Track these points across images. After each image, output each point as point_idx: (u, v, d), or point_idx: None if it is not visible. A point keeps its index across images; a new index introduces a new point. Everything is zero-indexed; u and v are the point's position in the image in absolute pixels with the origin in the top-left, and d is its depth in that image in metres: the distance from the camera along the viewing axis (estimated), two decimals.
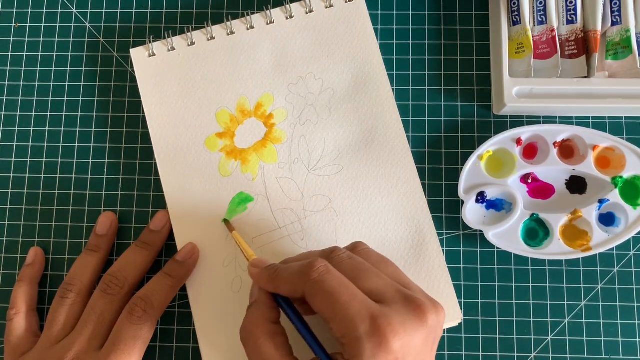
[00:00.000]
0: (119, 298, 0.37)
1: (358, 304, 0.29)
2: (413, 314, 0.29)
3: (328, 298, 0.29)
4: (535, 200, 0.41)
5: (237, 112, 0.42)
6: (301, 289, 0.30)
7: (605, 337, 0.40)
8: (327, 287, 0.29)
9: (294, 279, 0.31)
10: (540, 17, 0.41)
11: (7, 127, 0.43)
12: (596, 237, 0.39)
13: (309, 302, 0.30)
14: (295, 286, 0.31)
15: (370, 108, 0.41)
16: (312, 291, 0.30)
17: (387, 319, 0.28)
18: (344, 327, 0.28)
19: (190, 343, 0.40)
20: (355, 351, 0.28)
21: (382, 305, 0.29)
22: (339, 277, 0.30)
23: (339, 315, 0.28)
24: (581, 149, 0.41)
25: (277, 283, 0.32)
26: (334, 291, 0.29)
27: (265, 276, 0.33)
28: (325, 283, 0.29)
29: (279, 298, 0.33)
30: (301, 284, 0.30)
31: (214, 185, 0.41)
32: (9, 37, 0.45)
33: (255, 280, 0.34)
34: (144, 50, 0.43)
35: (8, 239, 0.42)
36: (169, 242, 0.41)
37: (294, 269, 0.31)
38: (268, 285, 0.33)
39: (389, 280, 0.31)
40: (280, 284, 0.32)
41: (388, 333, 0.27)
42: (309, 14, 0.43)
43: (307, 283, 0.30)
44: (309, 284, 0.30)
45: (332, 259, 0.32)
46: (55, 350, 0.36)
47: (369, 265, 0.31)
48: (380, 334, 0.27)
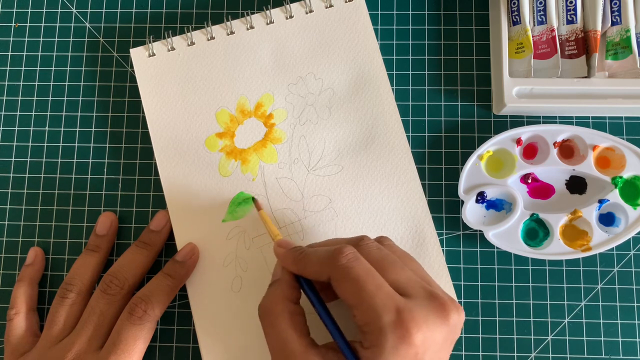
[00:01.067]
0: (119, 298, 0.37)
1: (384, 294, 0.29)
2: (436, 311, 0.29)
3: (354, 285, 0.29)
4: (535, 200, 0.41)
5: (237, 112, 0.42)
6: (327, 274, 0.30)
7: (605, 337, 0.40)
8: (355, 274, 0.29)
9: (321, 263, 0.31)
10: (540, 17, 0.41)
11: (7, 127, 0.43)
12: (596, 237, 0.39)
13: (334, 288, 0.30)
14: (322, 270, 0.31)
15: (370, 108, 0.41)
16: (338, 277, 0.30)
17: (411, 313, 0.28)
18: (368, 316, 0.28)
19: (190, 343, 0.40)
20: (376, 341, 0.28)
21: (406, 298, 0.29)
22: (366, 265, 0.30)
23: (364, 303, 0.28)
24: (581, 149, 0.41)
25: (303, 265, 0.32)
26: (360, 279, 0.29)
27: (291, 257, 0.33)
28: (353, 270, 0.29)
29: (302, 280, 0.33)
30: (328, 269, 0.30)
31: (214, 185, 0.41)
32: (9, 37, 0.45)
33: (280, 260, 0.34)
34: (144, 50, 0.43)
35: (8, 239, 0.42)
36: (169, 242, 0.41)
37: (322, 253, 0.31)
38: (293, 266, 0.33)
39: (413, 275, 0.31)
40: (306, 266, 0.32)
41: (412, 327, 0.27)
42: (309, 14, 0.43)
43: (334, 268, 0.30)
44: (337, 269, 0.30)
45: (361, 247, 0.32)
46: (55, 351, 0.36)
47: (395, 257, 0.31)
48: (403, 327, 0.27)
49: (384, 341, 0.28)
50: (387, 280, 0.30)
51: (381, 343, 0.28)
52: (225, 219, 0.40)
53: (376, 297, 0.28)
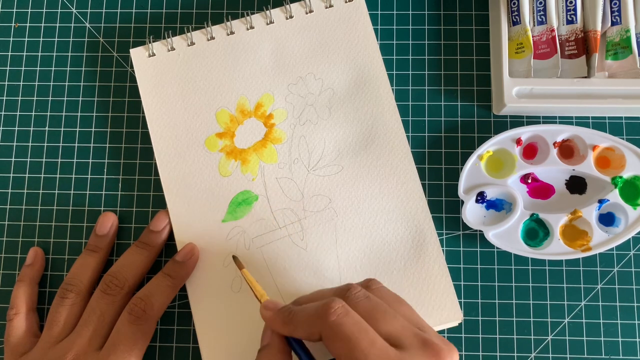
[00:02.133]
0: (119, 298, 0.37)
1: (377, 350, 0.28)
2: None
3: (346, 343, 0.28)
4: (535, 200, 0.41)
5: (237, 112, 0.42)
6: (318, 332, 0.30)
7: (605, 337, 0.40)
8: (346, 331, 0.28)
9: (310, 321, 0.30)
10: (540, 17, 0.41)
11: (7, 127, 0.43)
12: (596, 237, 0.39)
13: (326, 346, 0.29)
14: (312, 329, 0.30)
15: (370, 108, 0.41)
16: (330, 335, 0.29)
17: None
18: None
19: (190, 343, 0.40)
20: None
21: (400, 350, 0.28)
22: (357, 320, 0.29)
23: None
24: (581, 149, 0.41)
25: (292, 326, 0.31)
26: (352, 336, 0.28)
27: (280, 319, 0.32)
28: (343, 327, 0.29)
29: (293, 342, 0.32)
30: (318, 327, 0.29)
31: (214, 185, 0.41)
32: (9, 37, 0.45)
33: (269, 324, 0.33)
34: (144, 50, 0.43)
35: (8, 239, 0.42)
36: (169, 242, 0.41)
37: (310, 311, 0.30)
38: (283, 328, 0.32)
39: (406, 323, 0.30)
40: (296, 327, 0.31)
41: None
42: (309, 14, 0.43)
43: (324, 326, 0.29)
44: (327, 326, 0.29)
45: (349, 299, 0.31)
46: (55, 351, 0.36)
47: (385, 306, 0.31)
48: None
49: None
50: (380, 332, 0.29)
51: None
52: (225, 219, 0.40)
53: (369, 355, 0.28)
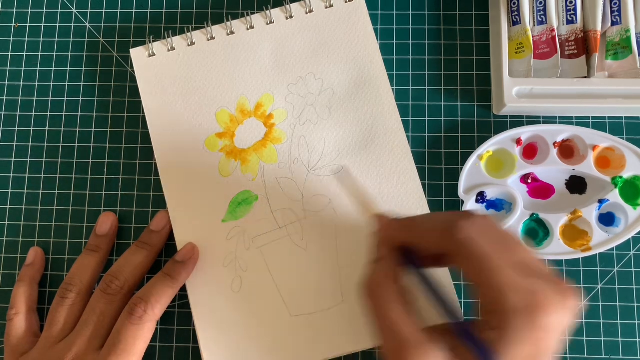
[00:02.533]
0: (119, 298, 0.37)
1: (510, 273, 0.27)
2: (560, 295, 0.27)
3: (478, 262, 0.27)
4: (535, 201, 0.41)
5: (237, 112, 0.42)
6: (442, 246, 0.28)
7: (605, 337, 0.40)
8: (477, 251, 0.27)
9: (435, 235, 0.29)
10: (540, 17, 0.41)
11: (7, 127, 0.43)
12: (596, 237, 0.39)
13: (451, 261, 0.29)
14: (437, 242, 0.29)
15: (370, 108, 0.41)
16: (458, 252, 0.28)
17: (538, 295, 0.26)
18: (495, 296, 0.27)
19: (190, 343, 0.40)
20: (504, 322, 0.26)
21: (531, 279, 0.27)
22: (487, 240, 0.28)
23: (490, 282, 0.27)
24: (581, 149, 0.41)
25: (413, 234, 0.30)
26: (486, 256, 0.27)
27: (399, 225, 0.31)
28: (474, 246, 0.27)
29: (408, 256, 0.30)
30: (444, 242, 0.28)
31: (214, 185, 0.41)
32: (9, 37, 0.45)
33: (384, 229, 0.31)
34: (144, 50, 0.43)
35: (8, 239, 0.42)
36: (169, 242, 0.41)
37: (437, 222, 0.29)
38: (402, 234, 0.30)
39: (533, 255, 0.29)
40: (417, 236, 0.30)
41: (539, 310, 0.26)
42: (309, 14, 0.43)
43: (452, 242, 0.28)
44: (455, 243, 0.28)
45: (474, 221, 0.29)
46: (55, 351, 0.36)
47: (511, 234, 0.29)
48: (531, 310, 0.26)
49: (512, 322, 0.26)
50: (512, 259, 0.28)
51: (509, 324, 0.26)
52: (225, 219, 0.40)
53: (502, 276, 0.27)
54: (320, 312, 0.39)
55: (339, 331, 0.38)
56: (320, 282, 0.39)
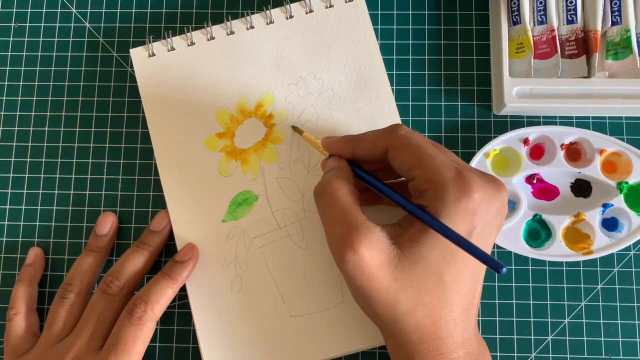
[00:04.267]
0: (119, 298, 0.37)
1: (443, 157, 0.31)
2: (491, 183, 0.30)
3: (415, 149, 0.31)
4: (539, 201, 0.41)
5: (237, 112, 0.42)
6: (384, 146, 0.32)
7: (605, 337, 0.40)
8: (415, 141, 0.31)
9: (377, 137, 0.33)
10: (540, 17, 0.41)
11: (7, 127, 0.43)
12: (598, 241, 0.39)
13: (391, 156, 0.32)
14: (378, 142, 0.33)
15: (370, 108, 0.41)
16: (398, 145, 0.32)
17: (469, 175, 0.30)
18: (430, 173, 0.30)
19: (190, 343, 0.40)
20: (439, 194, 0.29)
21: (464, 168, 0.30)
22: (424, 137, 0.32)
23: (425, 162, 0.30)
24: (588, 152, 0.41)
25: (357, 143, 0.34)
26: (420, 144, 0.31)
27: (344, 140, 0.35)
28: (413, 138, 0.31)
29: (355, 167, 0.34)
30: (386, 140, 0.32)
31: (214, 185, 0.41)
32: (9, 37, 0.45)
33: (332, 146, 0.35)
34: (144, 50, 0.43)
35: (8, 239, 0.42)
36: (169, 242, 0.41)
37: (378, 130, 0.34)
38: (347, 146, 0.34)
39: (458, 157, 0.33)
40: (361, 143, 0.34)
41: (472, 183, 0.29)
42: (309, 14, 0.43)
43: (392, 138, 0.32)
44: (396, 138, 0.32)
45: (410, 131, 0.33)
46: (55, 351, 0.36)
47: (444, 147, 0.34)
48: (464, 182, 0.29)
49: (446, 193, 0.29)
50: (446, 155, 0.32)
51: (443, 196, 0.29)
52: (225, 219, 0.40)
53: (437, 158, 0.30)
54: (320, 312, 0.39)
55: (339, 331, 0.38)
56: (320, 282, 0.39)
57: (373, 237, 0.30)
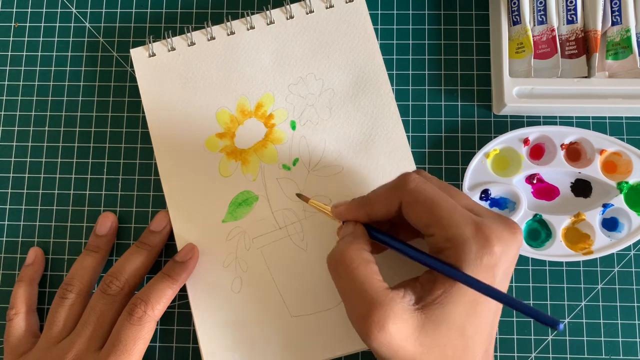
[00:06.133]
0: (119, 298, 0.37)
1: (460, 210, 0.30)
2: (508, 229, 0.30)
3: (429, 204, 0.30)
4: (539, 201, 0.41)
5: (237, 113, 0.42)
6: (397, 203, 0.31)
7: (605, 337, 0.40)
8: (428, 195, 0.30)
9: (388, 194, 0.32)
10: (540, 17, 0.41)
11: (7, 127, 0.43)
12: (598, 241, 0.39)
13: (406, 213, 0.31)
14: (391, 201, 0.31)
15: (370, 108, 0.41)
16: (411, 200, 0.31)
17: (489, 226, 0.29)
18: (449, 231, 0.29)
19: (190, 343, 0.40)
20: (460, 253, 0.29)
21: (479, 217, 0.30)
22: (435, 187, 0.31)
23: (442, 219, 0.29)
24: (588, 152, 0.41)
25: (369, 206, 0.33)
26: (435, 198, 0.30)
27: (355, 205, 0.34)
28: (425, 191, 0.30)
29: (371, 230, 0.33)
30: (397, 197, 0.31)
31: (214, 185, 0.41)
32: (9, 37, 0.45)
33: (344, 214, 0.34)
34: (144, 50, 0.42)
35: (8, 239, 0.42)
36: (169, 242, 0.41)
37: (387, 186, 0.32)
38: (360, 211, 0.33)
39: (476, 201, 0.32)
40: (373, 205, 0.32)
41: (492, 238, 0.28)
42: (309, 14, 0.43)
43: (404, 193, 0.31)
44: (407, 193, 0.31)
45: (423, 176, 0.32)
46: (55, 351, 0.36)
47: (454, 187, 0.33)
48: (485, 237, 0.28)
49: (467, 252, 0.28)
50: (459, 202, 0.31)
51: (465, 255, 0.28)
52: (225, 219, 0.40)
53: (454, 213, 0.29)
54: (321, 312, 0.39)
55: (339, 331, 0.38)
56: (320, 283, 0.39)
57: (397, 310, 0.28)
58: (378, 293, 0.29)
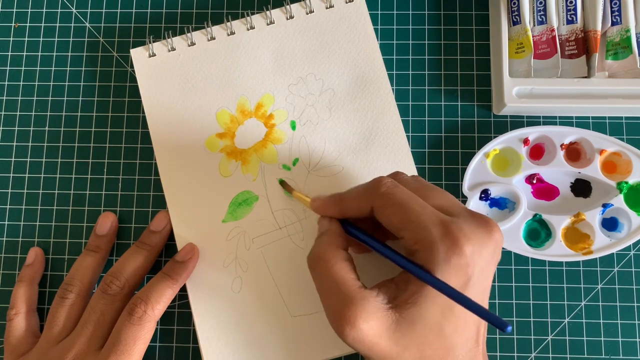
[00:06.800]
0: (119, 298, 0.37)
1: (429, 212, 0.30)
2: (482, 227, 0.29)
3: (399, 207, 0.30)
4: (539, 201, 0.41)
5: (237, 113, 0.42)
6: (369, 204, 0.32)
7: (605, 337, 0.40)
8: (398, 198, 0.30)
9: (361, 196, 0.32)
10: (540, 17, 0.41)
11: (7, 127, 0.43)
12: (598, 241, 0.39)
13: (378, 216, 0.31)
14: (363, 202, 0.32)
15: (370, 108, 0.41)
16: (382, 203, 0.31)
17: (458, 226, 0.29)
18: (417, 233, 0.29)
19: (190, 343, 0.40)
20: (429, 255, 0.29)
21: (451, 217, 0.30)
22: (407, 190, 0.31)
23: (411, 222, 0.29)
24: (588, 152, 0.41)
25: (344, 204, 0.33)
26: (404, 201, 0.30)
27: (331, 202, 0.34)
28: (395, 195, 0.31)
29: (348, 226, 0.34)
30: (370, 199, 0.32)
31: (214, 185, 0.41)
32: (9, 37, 0.45)
33: (321, 210, 0.35)
34: (144, 50, 0.43)
35: (8, 239, 0.42)
36: (169, 242, 0.41)
37: (361, 187, 0.33)
38: (335, 208, 0.34)
39: (453, 199, 0.32)
40: (347, 204, 0.33)
41: (460, 238, 0.28)
42: (309, 14, 0.43)
43: (376, 196, 0.31)
44: (379, 197, 0.31)
45: (397, 179, 0.33)
46: (55, 351, 0.36)
47: (432, 185, 0.33)
48: (453, 238, 0.28)
49: (435, 254, 0.28)
50: (430, 203, 0.31)
51: (433, 257, 0.28)
52: (225, 219, 0.40)
53: (423, 214, 0.29)
54: (321, 312, 0.38)
55: None
56: None
57: (369, 308, 0.29)
58: (351, 291, 0.30)
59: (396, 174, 0.34)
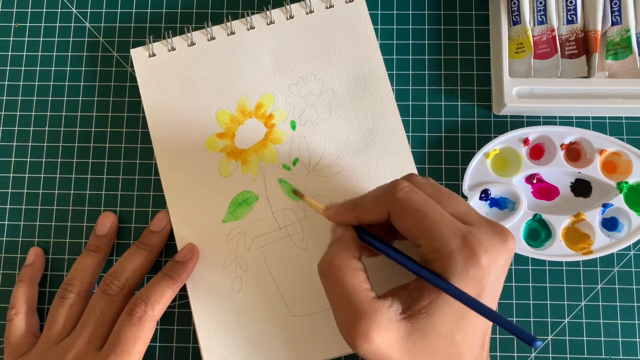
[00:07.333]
0: (119, 298, 0.37)
1: (448, 220, 0.29)
2: (497, 236, 0.29)
3: (416, 215, 0.30)
4: (539, 201, 0.41)
5: (237, 113, 0.42)
6: (386, 210, 0.31)
7: (605, 337, 0.40)
8: (415, 205, 0.30)
9: (377, 201, 0.31)
10: (540, 17, 0.41)
11: (7, 127, 0.43)
12: (598, 241, 0.39)
13: (395, 222, 0.31)
14: (380, 208, 0.31)
15: (370, 108, 0.41)
16: (398, 209, 0.30)
17: (475, 237, 0.29)
18: (435, 242, 0.29)
19: (190, 343, 0.40)
20: (446, 265, 0.28)
21: (468, 226, 0.30)
22: (424, 196, 0.30)
23: (429, 231, 0.29)
24: (588, 152, 0.41)
25: (360, 209, 0.32)
26: (422, 208, 0.30)
27: (345, 209, 0.33)
28: (412, 201, 0.30)
29: (363, 233, 0.33)
30: (386, 204, 0.31)
31: (214, 185, 0.41)
32: (9, 37, 0.45)
33: (335, 217, 0.34)
34: (144, 50, 0.43)
35: (8, 239, 0.42)
36: (169, 242, 0.41)
37: (377, 192, 0.32)
38: (350, 215, 0.33)
39: (468, 206, 0.32)
40: (363, 210, 0.32)
41: (479, 249, 0.28)
42: (310, 14, 0.43)
43: (393, 202, 0.30)
44: (395, 202, 0.30)
45: (414, 182, 0.32)
46: (55, 351, 0.36)
47: (448, 190, 0.32)
48: (471, 249, 0.28)
49: (453, 264, 0.28)
50: (446, 210, 0.30)
51: (451, 267, 0.28)
52: (226, 219, 0.40)
53: (440, 224, 0.29)
54: (321, 312, 0.39)
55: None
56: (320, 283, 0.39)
57: (382, 319, 0.28)
58: (364, 303, 0.29)
59: (411, 177, 0.33)
